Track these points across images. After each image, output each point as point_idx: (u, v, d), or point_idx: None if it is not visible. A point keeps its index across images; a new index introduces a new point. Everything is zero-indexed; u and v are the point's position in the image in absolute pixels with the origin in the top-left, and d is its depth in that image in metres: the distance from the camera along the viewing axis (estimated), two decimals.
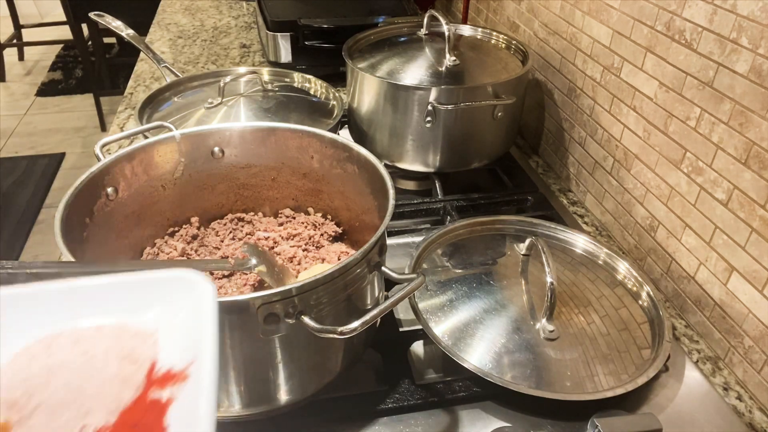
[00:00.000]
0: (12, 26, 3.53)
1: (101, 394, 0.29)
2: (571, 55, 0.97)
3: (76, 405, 0.28)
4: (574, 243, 0.80)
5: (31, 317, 0.31)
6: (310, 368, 0.56)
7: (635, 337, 0.67)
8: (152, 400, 0.29)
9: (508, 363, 0.63)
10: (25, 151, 2.87)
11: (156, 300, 0.33)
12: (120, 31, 1.06)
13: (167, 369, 0.30)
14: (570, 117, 1.00)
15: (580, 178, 0.99)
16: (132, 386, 0.30)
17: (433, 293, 0.71)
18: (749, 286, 0.65)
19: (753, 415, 0.65)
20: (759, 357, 0.65)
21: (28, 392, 0.28)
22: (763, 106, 0.61)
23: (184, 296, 0.33)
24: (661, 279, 0.80)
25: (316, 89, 1.07)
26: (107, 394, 0.29)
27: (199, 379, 0.29)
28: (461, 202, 0.91)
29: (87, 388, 0.29)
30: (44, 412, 0.28)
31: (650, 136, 0.80)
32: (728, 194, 0.67)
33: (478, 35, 1.09)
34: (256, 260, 0.62)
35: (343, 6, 1.36)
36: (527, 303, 0.70)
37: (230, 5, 1.80)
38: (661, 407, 0.62)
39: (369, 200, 0.67)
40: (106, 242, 0.62)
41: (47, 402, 0.28)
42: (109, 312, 0.32)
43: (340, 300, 0.53)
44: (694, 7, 0.69)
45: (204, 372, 0.29)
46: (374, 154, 0.65)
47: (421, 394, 0.62)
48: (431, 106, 0.89)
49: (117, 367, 0.30)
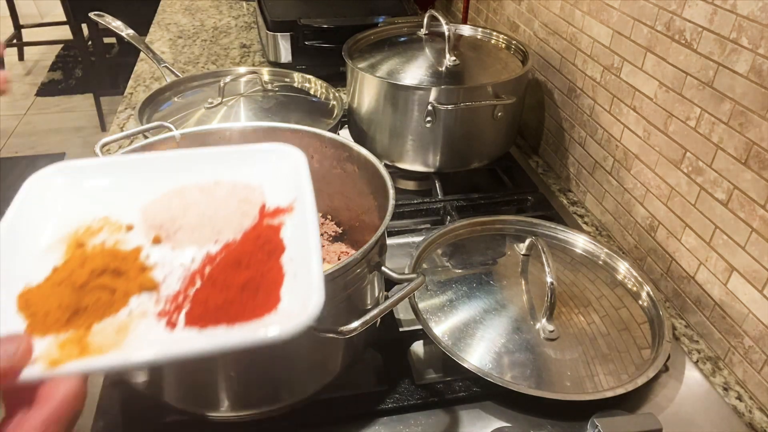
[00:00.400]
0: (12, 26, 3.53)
1: (227, 220, 0.38)
2: (571, 55, 0.97)
3: (209, 227, 0.37)
4: (574, 243, 0.80)
5: (165, 173, 0.40)
6: (310, 368, 0.56)
7: (635, 337, 0.67)
8: (268, 224, 0.38)
9: (508, 363, 0.63)
10: (25, 151, 2.87)
11: (259, 164, 0.42)
12: (120, 31, 1.06)
13: (276, 206, 0.39)
14: (570, 117, 1.00)
15: (580, 178, 0.99)
16: (250, 217, 0.38)
17: (433, 293, 0.71)
18: (749, 286, 0.65)
19: (753, 415, 0.65)
20: (759, 357, 0.65)
21: (171, 218, 0.38)
22: (763, 106, 0.61)
23: (281, 160, 0.42)
24: (661, 279, 0.80)
25: (316, 89, 1.07)
26: (231, 221, 0.38)
27: (304, 208, 0.38)
28: (461, 202, 0.91)
29: (215, 217, 0.38)
30: (185, 231, 0.37)
31: (650, 136, 0.80)
32: (728, 194, 0.67)
33: (478, 35, 1.09)
34: None
35: (343, 6, 1.36)
36: (527, 303, 0.70)
37: (230, 5, 1.80)
38: (661, 407, 0.62)
39: (369, 200, 0.67)
40: None
41: (186, 225, 0.38)
42: (223, 173, 0.41)
43: (340, 300, 0.53)
44: (694, 7, 0.69)
45: (306, 203, 0.38)
46: (374, 154, 0.65)
47: (421, 394, 0.62)
48: (431, 106, 0.89)
49: (236, 205, 0.39)
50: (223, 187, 0.40)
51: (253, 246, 0.36)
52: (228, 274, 0.35)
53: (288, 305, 0.32)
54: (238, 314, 0.32)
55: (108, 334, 0.31)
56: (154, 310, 0.33)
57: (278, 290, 0.33)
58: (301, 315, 0.31)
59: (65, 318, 0.32)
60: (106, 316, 0.33)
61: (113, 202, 0.39)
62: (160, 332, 0.32)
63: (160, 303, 0.34)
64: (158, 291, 0.34)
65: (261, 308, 0.33)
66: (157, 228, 0.38)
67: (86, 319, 0.32)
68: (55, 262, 0.35)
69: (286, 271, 0.34)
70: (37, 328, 0.31)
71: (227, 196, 0.40)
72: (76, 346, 0.30)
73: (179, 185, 0.40)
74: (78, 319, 0.32)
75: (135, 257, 0.36)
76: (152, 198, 0.39)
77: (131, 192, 0.39)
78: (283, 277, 0.34)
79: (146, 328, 0.32)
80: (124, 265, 0.35)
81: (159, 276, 0.35)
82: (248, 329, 0.32)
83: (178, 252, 0.36)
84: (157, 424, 0.59)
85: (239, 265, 0.35)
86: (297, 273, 0.34)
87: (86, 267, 0.35)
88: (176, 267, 0.36)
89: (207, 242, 0.37)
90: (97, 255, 0.36)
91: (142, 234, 0.38)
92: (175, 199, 0.39)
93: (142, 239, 0.37)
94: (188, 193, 0.40)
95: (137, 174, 0.40)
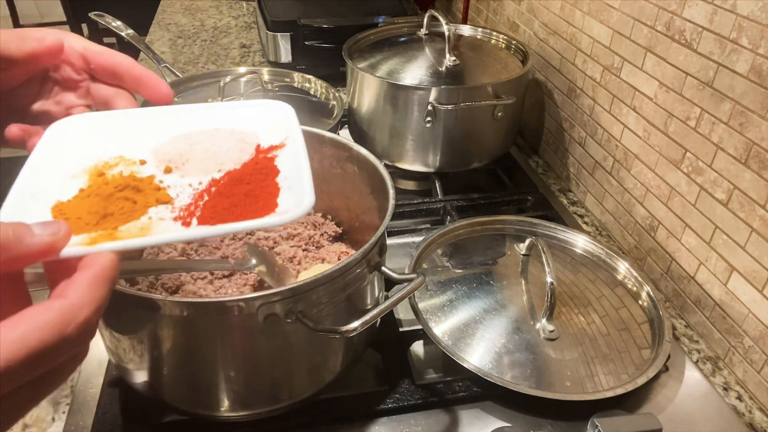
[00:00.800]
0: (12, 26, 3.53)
1: (228, 155, 0.44)
2: (571, 55, 0.97)
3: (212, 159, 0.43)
4: (574, 243, 0.80)
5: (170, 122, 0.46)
6: (310, 368, 0.56)
7: (635, 337, 0.67)
8: (263, 156, 0.44)
9: (508, 363, 0.63)
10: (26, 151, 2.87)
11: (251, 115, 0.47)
12: (120, 31, 1.06)
13: (269, 144, 0.45)
14: (570, 117, 1.00)
15: (580, 178, 0.99)
16: (247, 153, 0.44)
17: (433, 293, 0.71)
18: (749, 286, 0.65)
19: (753, 415, 0.65)
20: (759, 357, 0.65)
21: (179, 154, 0.44)
22: (763, 106, 0.61)
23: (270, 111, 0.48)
24: (661, 279, 0.80)
25: (316, 89, 1.07)
26: (232, 155, 0.44)
27: (294, 142, 0.44)
28: (461, 202, 0.91)
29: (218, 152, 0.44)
30: (192, 162, 0.43)
31: (650, 136, 0.80)
32: (728, 194, 0.67)
33: (478, 35, 1.09)
34: (256, 260, 0.62)
35: (343, 6, 1.36)
36: (527, 303, 0.70)
37: (230, 5, 1.80)
38: (661, 407, 0.62)
39: (369, 200, 0.67)
40: None
41: (193, 158, 0.43)
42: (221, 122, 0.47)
43: (340, 300, 0.53)
44: (694, 7, 0.69)
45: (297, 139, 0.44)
46: (374, 154, 0.65)
47: (421, 394, 0.62)
48: (431, 106, 0.89)
49: (235, 144, 0.45)
50: (222, 132, 0.46)
51: (252, 170, 0.43)
52: (232, 187, 0.41)
53: (284, 206, 0.39)
54: (242, 214, 0.38)
55: (132, 232, 0.37)
56: (170, 216, 0.39)
57: (275, 199, 0.40)
58: (296, 210, 0.38)
59: (95, 221, 0.37)
60: (130, 221, 0.38)
61: (126, 143, 0.44)
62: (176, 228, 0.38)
63: (175, 211, 0.39)
64: (172, 204, 0.40)
65: (262, 211, 0.38)
66: (167, 161, 0.43)
67: (113, 221, 0.38)
68: (81, 185, 0.41)
69: (281, 186, 0.41)
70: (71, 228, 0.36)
71: (227, 137, 0.46)
72: (106, 239, 0.36)
73: (184, 131, 0.46)
74: (106, 222, 0.37)
75: (150, 181, 0.42)
76: (162, 141, 0.45)
77: (142, 136, 0.45)
78: (279, 191, 0.40)
79: (165, 227, 0.38)
80: (141, 185, 0.41)
81: (172, 193, 0.41)
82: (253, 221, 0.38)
83: (187, 178, 0.42)
84: (157, 424, 0.59)
85: (241, 182, 0.42)
86: (291, 186, 0.40)
87: (110, 184, 0.41)
88: (186, 188, 0.42)
89: (211, 171, 0.43)
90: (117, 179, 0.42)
91: (154, 166, 0.43)
92: (182, 140, 0.45)
93: (154, 170, 0.43)
94: (193, 136, 0.45)
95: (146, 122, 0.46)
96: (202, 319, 0.48)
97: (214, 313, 0.48)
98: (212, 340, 0.50)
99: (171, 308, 0.48)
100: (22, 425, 0.60)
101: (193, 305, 0.48)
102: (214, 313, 0.48)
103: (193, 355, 0.51)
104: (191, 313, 0.48)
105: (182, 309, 0.48)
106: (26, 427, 0.60)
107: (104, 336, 0.56)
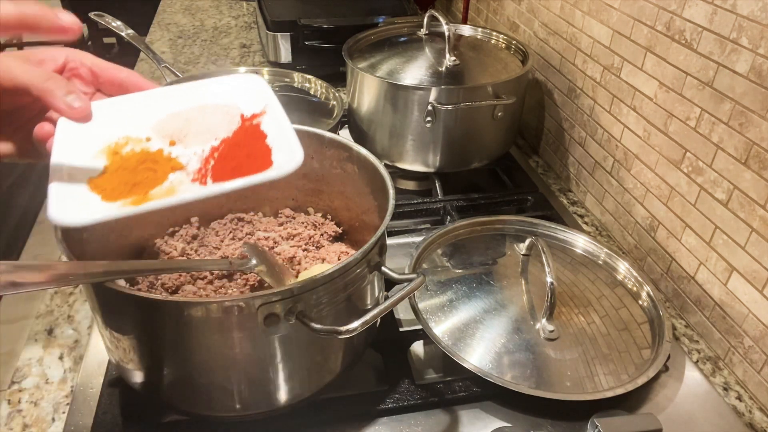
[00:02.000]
0: None
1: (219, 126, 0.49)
2: (571, 55, 0.97)
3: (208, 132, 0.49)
4: (574, 243, 0.80)
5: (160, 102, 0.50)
6: (310, 368, 0.56)
7: (635, 337, 0.67)
8: (249, 124, 0.49)
9: (508, 363, 0.63)
10: None
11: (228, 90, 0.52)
12: (120, 31, 1.06)
13: (251, 113, 0.50)
14: (570, 117, 1.00)
15: (580, 178, 0.99)
16: (235, 123, 0.49)
17: (433, 293, 0.71)
18: (749, 286, 0.65)
19: (753, 415, 0.65)
20: (759, 357, 0.65)
21: (178, 129, 0.49)
22: (763, 106, 0.61)
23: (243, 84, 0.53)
24: (661, 279, 0.80)
25: (316, 89, 1.07)
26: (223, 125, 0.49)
27: (273, 108, 0.49)
28: (461, 202, 0.91)
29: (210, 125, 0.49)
30: (191, 135, 0.49)
31: (650, 136, 0.80)
32: (728, 194, 0.67)
33: (478, 35, 1.09)
34: (256, 260, 0.62)
35: (343, 6, 1.36)
36: (527, 303, 0.70)
37: (230, 5, 1.80)
38: (661, 407, 0.62)
39: (369, 200, 0.67)
40: (106, 242, 0.62)
41: (191, 132, 0.49)
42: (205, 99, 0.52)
43: (340, 300, 0.53)
44: (694, 7, 0.70)
45: (274, 105, 0.50)
46: (374, 154, 0.65)
47: (421, 394, 0.62)
48: (431, 106, 0.89)
49: (222, 117, 0.50)
50: (208, 107, 0.51)
51: (243, 136, 0.48)
52: (232, 151, 0.47)
53: (280, 163, 0.45)
54: (247, 171, 0.45)
55: (161, 194, 0.44)
56: (187, 180, 0.45)
57: (270, 158, 0.46)
58: (290, 163, 0.44)
59: (128, 189, 0.44)
60: (156, 186, 0.45)
61: (127, 125, 0.49)
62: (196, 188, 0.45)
63: (191, 175, 0.46)
64: (186, 169, 0.46)
65: (261, 167, 0.45)
66: (169, 136, 0.49)
67: (143, 188, 0.44)
68: (104, 164, 0.46)
69: (272, 147, 0.47)
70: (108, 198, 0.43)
71: (214, 111, 0.51)
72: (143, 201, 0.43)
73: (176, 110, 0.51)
74: (137, 189, 0.44)
75: (161, 153, 0.47)
76: (158, 119, 0.50)
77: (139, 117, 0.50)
78: (271, 151, 0.46)
79: (186, 188, 0.45)
80: (156, 157, 0.47)
81: (183, 161, 0.47)
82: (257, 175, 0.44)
83: (191, 149, 0.48)
84: (157, 424, 0.59)
85: (238, 146, 0.48)
86: (280, 146, 0.46)
87: (131, 159, 0.46)
88: (192, 156, 0.48)
89: (209, 140, 0.48)
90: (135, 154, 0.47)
91: (159, 141, 0.49)
92: (176, 117, 0.50)
93: (161, 144, 0.48)
94: (184, 113, 0.51)
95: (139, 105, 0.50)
96: (202, 319, 0.48)
97: (214, 313, 0.48)
98: (212, 340, 0.50)
99: (171, 308, 0.48)
100: (23, 425, 0.60)
101: (193, 305, 0.48)
102: (214, 313, 0.48)
103: (193, 355, 0.51)
104: (191, 313, 0.48)
105: (182, 309, 0.48)
106: (26, 427, 0.60)
107: (104, 336, 0.56)
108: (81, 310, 0.74)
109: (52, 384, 0.65)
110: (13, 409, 0.62)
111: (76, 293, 0.77)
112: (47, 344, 0.69)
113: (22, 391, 0.64)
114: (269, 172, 0.44)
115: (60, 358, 0.68)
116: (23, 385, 0.64)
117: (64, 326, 0.72)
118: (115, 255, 0.64)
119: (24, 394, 0.63)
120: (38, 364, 0.67)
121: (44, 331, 0.71)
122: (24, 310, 1.78)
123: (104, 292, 0.48)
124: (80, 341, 0.70)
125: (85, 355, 0.67)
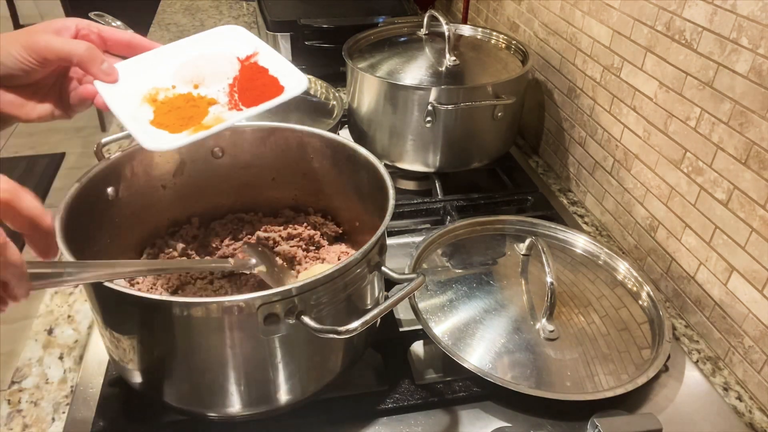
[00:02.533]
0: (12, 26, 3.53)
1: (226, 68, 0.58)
2: (571, 55, 0.97)
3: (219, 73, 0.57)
4: (574, 243, 0.80)
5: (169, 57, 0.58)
6: (310, 368, 0.56)
7: (635, 337, 0.67)
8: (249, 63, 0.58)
9: (508, 363, 0.63)
10: (25, 151, 2.86)
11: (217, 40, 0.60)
12: None
13: (246, 55, 0.59)
14: (570, 117, 1.00)
15: (580, 178, 0.99)
16: (236, 63, 0.58)
17: (433, 293, 0.71)
18: (749, 286, 0.65)
19: (753, 415, 0.65)
20: (759, 357, 0.65)
21: (195, 75, 0.57)
22: (763, 106, 0.61)
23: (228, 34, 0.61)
24: (661, 279, 0.80)
25: (316, 89, 1.07)
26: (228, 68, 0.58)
27: (263, 48, 0.59)
28: (461, 202, 0.91)
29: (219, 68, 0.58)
30: (208, 78, 0.57)
31: (650, 136, 0.80)
32: (728, 194, 0.67)
33: (478, 35, 1.09)
34: (256, 260, 0.62)
35: (343, 6, 1.36)
36: (527, 303, 0.70)
37: (230, 5, 1.80)
38: (661, 407, 0.63)
39: (369, 200, 0.67)
40: (106, 242, 0.62)
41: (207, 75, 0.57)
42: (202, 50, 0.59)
43: (340, 300, 0.53)
44: (694, 7, 0.70)
45: (262, 46, 0.59)
46: (374, 154, 0.65)
47: (421, 394, 0.62)
48: (431, 106, 0.89)
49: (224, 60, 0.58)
50: (208, 55, 0.59)
51: (249, 72, 0.57)
52: (248, 84, 0.56)
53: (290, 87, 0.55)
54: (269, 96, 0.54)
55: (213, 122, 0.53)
56: (225, 110, 0.55)
57: (279, 84, 0.56)
58: (299, 87, 0.55)
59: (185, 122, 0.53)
60: (203, 117, 0.53)
61: (151, 78, 0.57)
62: (237, 113, 0.54)
63: (225, 106, 0.55)
64: (219, 102, 0.55)
65: (277, 92, 0.55)
66: (190, 81, 0.57)
67: (195, 120, 0.53)
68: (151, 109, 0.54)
69: (277, 76, 0.56)
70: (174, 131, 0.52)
71: (216, 57, 0.59)
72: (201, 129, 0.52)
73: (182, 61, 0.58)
74: (191, 121, 0.53)
75: (192, 95, 0.56)
76: (173, 70, 0.58)
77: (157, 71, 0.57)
78: (277, 79, 0.56)
79: (229, 114, 0.54)
80: (191, 97, 0.56)
81: (215, 97, 0.56)
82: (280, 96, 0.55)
83: (212, 88, 0.57)
84: (157, 424, 0.59)
85: (250, 80, 0.57)
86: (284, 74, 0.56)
87: (175, 101, 0.55)
88: (217, 92, 0.56)
89: (224, 80, 0.57)
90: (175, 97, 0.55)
91: (185, 87, 0.57)
92: (186, 66, 0.58)
93: (187, 88, 0.56)
94: (193, 61, 0.58)
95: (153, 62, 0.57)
96: (202, 319, 0.48)
97: (214, 313, 0.48)
98: (212, 340, 0.50)
99: (171, 308, 0.48)
100: (23, 425, 0.60)
101: (193, 305, 0.48)
102: (214, 313, 0.48)
103: (193, 355, 0.51)
104: (191, 313, 0.48)
105: (182, 309, 0.48)
106: (26, 427, 0.60)
107: (104, 336, 0.56)
108: (81, 310, 0.74)
109: (52, 384, 0.65)
110: (13, 409, 0.62)
111: (76, 293, 0.77)
112: (47, 344, 0.69)
113: (22, 391, 0.64)
114: (288, 92, 0.54)
115: (60, 358, 0.68)
116: (23, 385, 0.64)
117: (64, 326, 0.72)
118: (115, 255, 0.64)
119: (24, 394, 0.63)
120: (38, 364, 0.67)
121: (44, 331, 0.71)
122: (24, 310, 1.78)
123: (104, 292, 0.48)
124: (80, 341, 0.70)
125: (85, 355, 0.67)
